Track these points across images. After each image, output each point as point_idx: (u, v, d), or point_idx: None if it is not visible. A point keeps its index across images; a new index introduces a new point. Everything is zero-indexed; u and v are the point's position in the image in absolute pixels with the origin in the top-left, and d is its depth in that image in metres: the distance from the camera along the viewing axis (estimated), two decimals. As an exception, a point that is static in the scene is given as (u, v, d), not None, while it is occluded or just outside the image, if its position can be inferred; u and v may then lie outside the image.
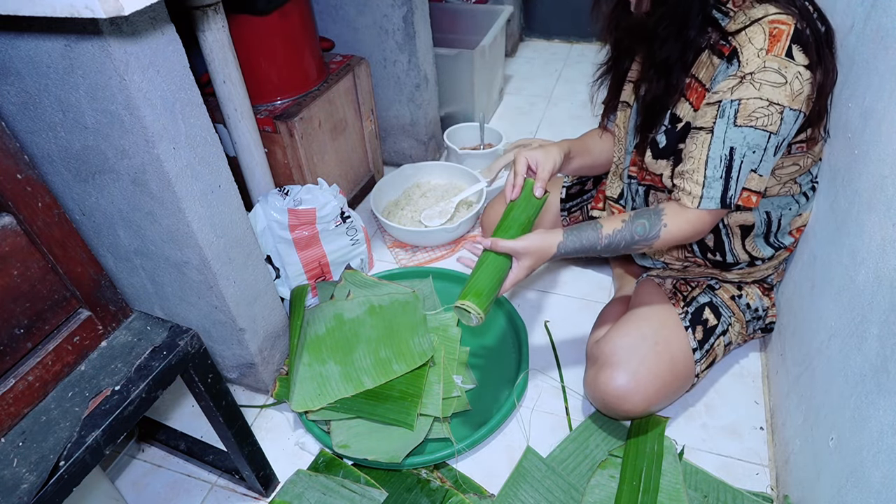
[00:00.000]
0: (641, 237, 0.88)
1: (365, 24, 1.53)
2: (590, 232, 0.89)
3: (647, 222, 0.88)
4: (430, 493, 0.98)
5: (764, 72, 0.79)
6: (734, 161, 0.82)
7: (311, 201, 1.23)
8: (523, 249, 0.88)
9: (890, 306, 0.68)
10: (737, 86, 0.81)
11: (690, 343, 1.00)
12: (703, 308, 1.04)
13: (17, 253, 0.62)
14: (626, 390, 0.96)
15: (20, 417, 0.66)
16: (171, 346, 0.74)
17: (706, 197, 0.85)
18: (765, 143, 0.82)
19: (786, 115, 0.80)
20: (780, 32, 0.79)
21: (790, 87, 0.79)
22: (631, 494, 0.93)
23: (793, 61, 0.79)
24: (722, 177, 0.83)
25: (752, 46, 0.80)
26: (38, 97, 0.77)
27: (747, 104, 0.80)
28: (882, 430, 0.66)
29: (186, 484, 1.04)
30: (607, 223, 0.90)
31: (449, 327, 1.20)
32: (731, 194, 0.84)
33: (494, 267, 0.88)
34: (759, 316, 1.09)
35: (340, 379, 1.09)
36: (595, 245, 0.89)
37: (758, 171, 0.84)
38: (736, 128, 0.81)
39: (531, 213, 0.95)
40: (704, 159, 0.84)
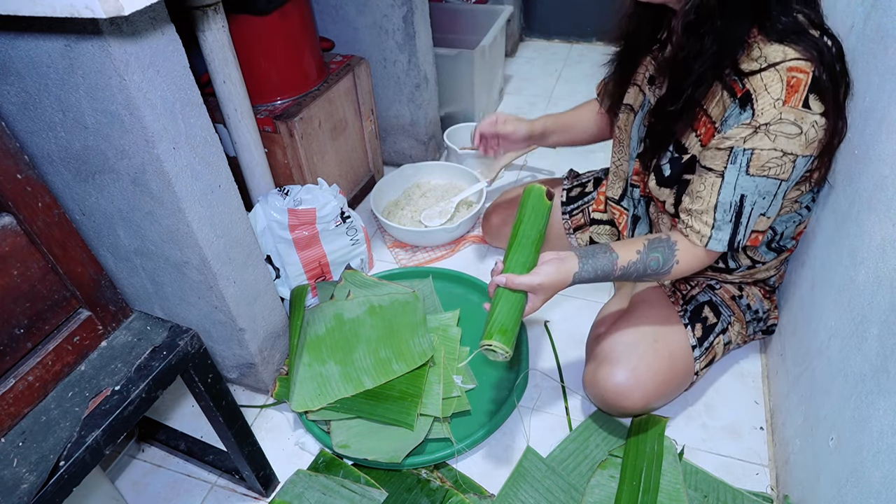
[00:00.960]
0: (654, 270, 0.88)
1: (365, 24, 1.53)
2: (605, 262, 0.87)
3: (660, 257, 0.87)
4: (430, 493, 0.98)
5: (780, 123, 0.76)
6: (744, 208, 0.82)
7: (311, 201, 1.23)
8: (539, 286, 0.85)
9: (890, 306, 0.68)
10: (751, 136, 0.78)
11: (690, 340, 1.01)
12: (703, 306, 1.04)
13: (17, 253, 0.62)
14: (626, 387, 0.96)
15: (20, 417, 0.66)
16: (171, 346, 0.74)
17: (714, 238, 0.85)
18: (775, 190, 0.81)
19: (798, 162, 0.79)
20: (799, 83, 0.75)
21: (805, 136, 0.77)
22: (631, 494, 0.93)
23: (809, 111, 0.76)
24: (731, 221, 0.83)
25: (769, 96, 0.76)
26: (38, 97, 0.77)
27: (761, 154, 0.78)
28: (882, 430, 0.66)
29: (186, 484, 1.04)
30: (623, 252, 0.88)
31: (449, 327, 1.20)
32: (740, 238, 0.85)
33: (513, 302, 0.86)
34: (760, 318, 1.08)
35: (340, 379, 1.09)
36: (609, 275, 0.88)
37: (766, 214, 0.84)
38: (748, 177, 0.80)
39: (541, 223, 0.91)
40: (714, 203, 0.83)
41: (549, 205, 0.92)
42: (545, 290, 0.86)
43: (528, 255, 0.88)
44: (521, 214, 0.92)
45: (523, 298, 0.87)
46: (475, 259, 1.47)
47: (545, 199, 0.92)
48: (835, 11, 1.00)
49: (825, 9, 0.96)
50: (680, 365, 0.99)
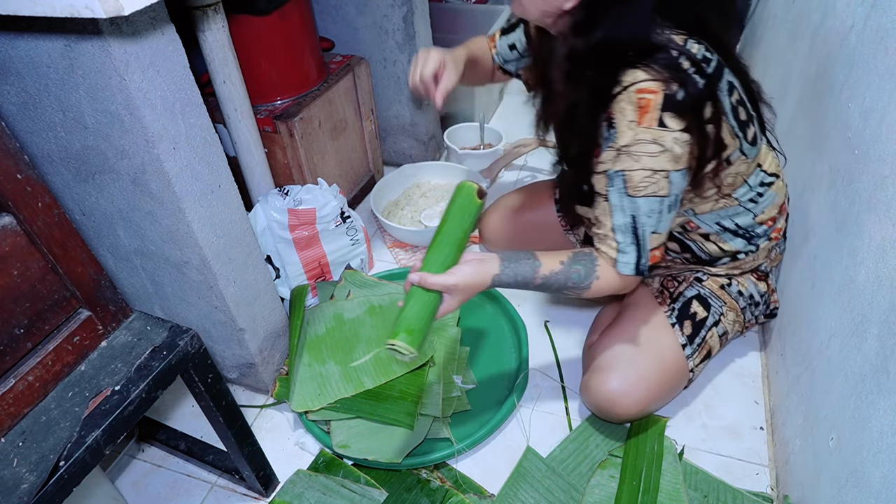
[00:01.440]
0: (575, 284, 0.87)
1: (365, 24, 1.53)
2: (526, 268, 0.86)
3: (582, 270, 0.86)
4: (430, 493, 0.98)
5: (638, 144, 0.78)
6: (638, 228, 0.83)
7: (311, 201, 1.23)
8: (454, 286, 0.82)
9: (890, 306, 0.68)
10: (615, 158, 0.80)
11: (679, 340, 1.00)
12: (691, 301, 1.03)
13: (17, 253, 0.62)
14: (618, 394, 0.96)
15: (20, 417, 0.66)
16: (171, 346, 0.74)
17: (621, 262, 0.85)
18: (659, 207, 0.81)
19: (673, 177, 0.79)
20: (648, 103, 0.76)
21: (671, 153, 0.77)
22: (631, 494, 0.93)
23: (667, 129, 0.77)
24: (633, 243, 0.84)
25: (624, 118, 0.78)
26: (38, 97, 0.77)
27: (632, 175, 0.79)
28: (882, 430, 0.66)
29: (186, 484, 1.04)
30: (546, 261, 0.87)
31: (449, 327, 1.20)
32: (643, 262, 0.84)
33: (425, 302, 0.82)
34: (757, 302, 1.07)
35: (340, 379, 1.09)
36: (530, 282, 0.87)
37: (657, 231, 0.84)
38: (629, 198, 0.81)
39: (467, 222, 0.86)
40: (611, 227, 0.84)
41: (478, 204, 0.86)
42: (461, 291, 0.83)
43: (448, 253, 0.84)
44: (447, 212, 0.86)
45: (437, 298, 0.83)
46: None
47: (475, 197, 0.86)
48: (835, 11, 1.01)
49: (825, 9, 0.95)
50: (671, 367, 0.99)
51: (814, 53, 1.10)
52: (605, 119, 0.81)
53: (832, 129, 0.94)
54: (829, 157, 0.94)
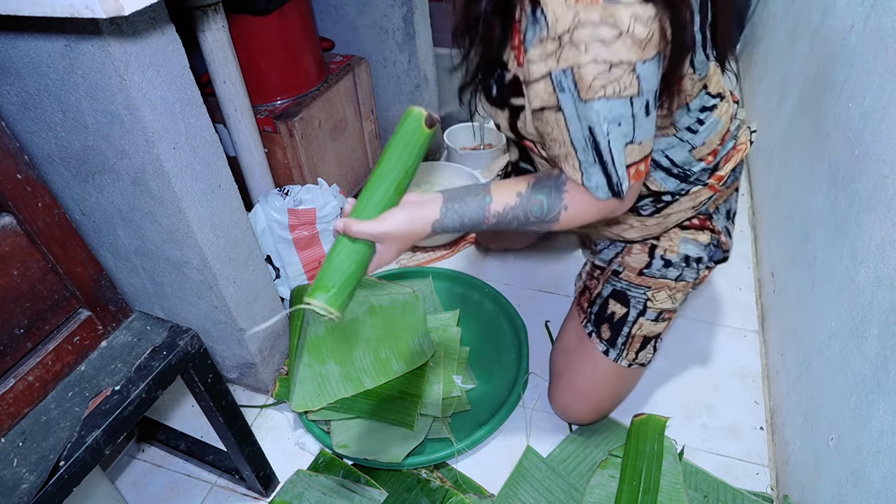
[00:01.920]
0: (538, 218, 0.72)
1: (365, 24, 1.53)
2: (474, 206, 0.71)
3: (545, 201, 0.71)
4: (430, 493, 0.98)
5: (582, 28, 0.59)
6: (599, 142, 0.66)
7: (311, 201, 1.23)
8: (385, 235, 0.68)
9: (890, 306, 0.68)
10: (556, 51, 0.62)
11: (599, 347, 0.99)
12: (608, 302, 0.99)
13: (17, 253, 0.62)
14: (569, 410, 1.03)
15: (20, 417, 0.66)
16: (171, 346, 0.74)
17: (590, 185, 0.70)
18: (630, 111, 0.64)
19: (641, 70, 0.61)
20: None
21: (630, 37, 0.59)
22: (631, 494, 0.93)
23: (619, 3, 0.58)
24: (596, 161, 0.68)
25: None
26: (38, 97, 0.77)
27: (582, 73, 0.62)
28: (882, 430, 0.66)
29: (186, 484, 1.04)
30: (498, 195, 0.72)
31: (449, 327, 1.20)
32: (617, 180, 0.68)
33: (350, 253, 0.69)
34: (698, 257, 0.96)
35: (340, 379, 1.09)
36: (480, 225, 0.73)
37: (635, 141, 0.67)
38: (584, 104, 0.64)
39: (411, 157, 0.71)
40: (570, 142, 0.68)
41: (427, 134, 0.71)
42: (394, 240, 0.70)
43: (386, 195, 0.70)
44: (390, 142, 0.72)
45: (365, 249, 0.70)
46: (475, 259, 1.47)
47: (423, 126, 0.71)
48: (835, 11, 1.01)
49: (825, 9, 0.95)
50: (605, 373, 0.99)
51: (814, 53, 1.10)
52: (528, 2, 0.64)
53: (832, 129, 0.94)
54: (829, 157, 0.94)
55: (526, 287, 1.38)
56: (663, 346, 1.20)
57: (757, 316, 1.26)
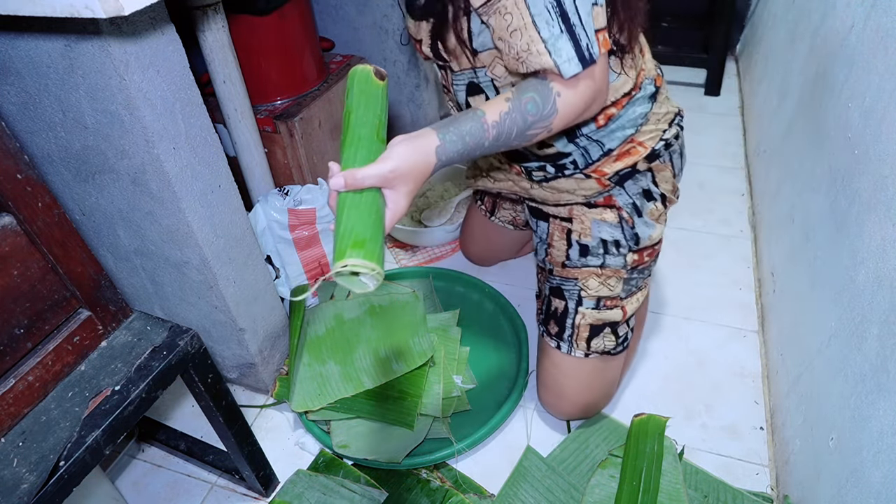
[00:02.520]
0: (536, 116, 0.68)
1: (365, 24, 1.53)
2: (471, 123, 0.66)
3: (536, 95, 0.67)
4: (430, 493, 0.98)
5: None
6: (565, 4, 0.64)
7: (311, 201, 1.23)
8: (393, 173, 0.61)
9: (890, 306, 0.68)
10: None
11: (550, 344, 1.03)
12: (550, 300, 1.03)
13: (17, 253, 0.62)
14: (553, 409, 1.06)
15: (20, 417, 0.66)
16: (171, 346, 0.74)
17: (561, 64, 0.66)
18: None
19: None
20: None
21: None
22: (631, 494, 0.93)
23: None
24: (563, 30, 0.64)
25: None
26: (38, 97, 0.77)
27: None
28: (882, 430, 0.66)
29: (186, 484, 1.04)
30: (489, 107, 0.67)
31: (449, 327, 1.20)
32: (586, 43, 0.65)
33: (363, 206, 0.61)
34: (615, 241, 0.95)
35: (340, 379, 1.09)
36: (483, 140, 0.66)
37: (598, 2, 0.66)
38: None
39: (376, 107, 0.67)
40: (531, 21, 0.65)
41: (381, 86, 0.68)
42: (403, 178, 0.62)
43: (370, 146, 0.64)
44: (347, 104, 0.67)
45: (377, 199, 0.62)
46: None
47: (375, 79, 0.67)
48: (835, 11, 1.00)
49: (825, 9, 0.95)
50: (568, 368, 1.02)
51: (814, 53, 1.10)
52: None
53: (832, 129, 0.94)
54: (829, 157, 0.94)
55: (526, 287, 1.38)
56: (664, 346, 1.21)
57: (757, 316, 1.26)
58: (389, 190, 0.63)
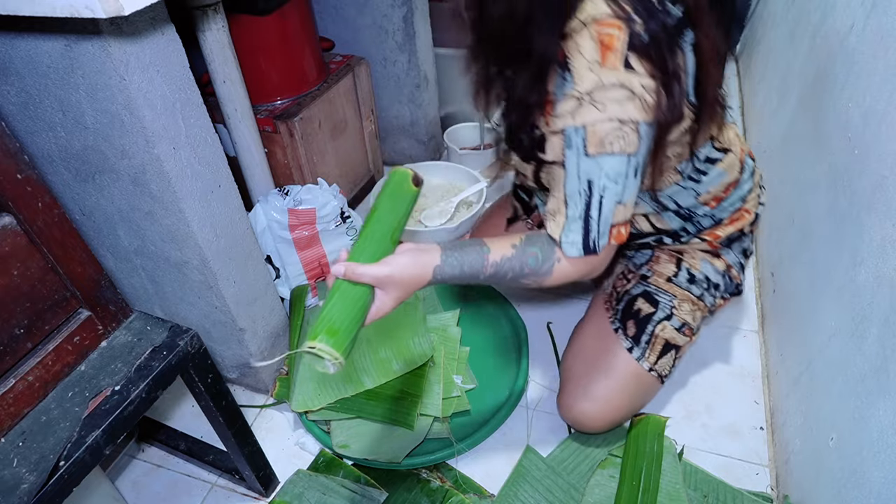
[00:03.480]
0: (532, 269, 0.76)
1: (365, 24, 1.53)
2: (473, 256, 0.74)
3: (539, 253, 0.75)
4: (430, 493, 0.98)
5: (604, 89, 0.66)
6: (593, 196, 0.71)
7: (311, 201, 1.23)
8: (388, 279, 0.69)
9: (890, 306, 0.68)
10: (576, 109, 0.69)
11: (623, 344, 0.98)
12: (635, 299, 1.00)
13: (17, 253, 0.62)
14: (584, 417, 0.97)
15: (20, 417, 0.66)
16: (171, 346, 0.74)
17: (566, 242, 0.74)
18: (626, 169, 0.70)
19: (643, 130, 0.69)
20: (612, 39, 0.65)
21: (641, 100, 0.67)
22: (631, 494, 0.93)
23: (634, 72, 0.66)
24: (581, 216, 0.72)
25: (583, 58, 0.67)
26: (38, 97, 0.77)
27: (595, 129, 0.68)
28: (882, 430, 0.66)
29: (186, 484, 1.04)
30: (495, 246, 0.75)
31: (449, 327, 1.20)
32: (595, 237, 0.73)
33: (352, 297, 0.68)
34: (716, 283, 1.00)
35: (340, 379, 1.09)
36: (479, 274, 0.75)
37: (623, 202, 0.73)
38: (589, 158, 0.70)
39: (401, 211, 0.74)
40: (563, 198, 0.73)
41: (414, 191, 0.75)
42: (396, 285, 0.70)
43: (380, 245, 0.71)
44: (378, 199, 0.75)
45: (366, 294, 0.69)
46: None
47: (410, 184, 0.74)
48: (835, 11, 1.01)
49: (825, 9, 0.95)
50: (627, 377, 0.97)
51: (814, 53, 1.10)
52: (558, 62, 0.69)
53: (832, 129, 0.94)
54: (829, 157, 0.94)
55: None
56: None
57: (757, 316, 1.26)
58: (380, 290, 0.70)
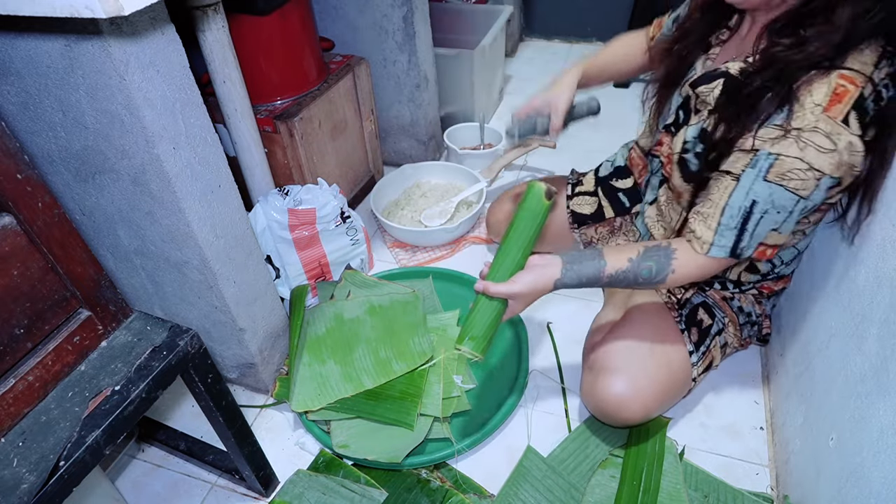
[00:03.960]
0: (646, 279, 0.85)
1: (365, 24, 1.53)
2: (591, 268, 0.85)
3: (654, 266, 0.84)
4: (430, 493, 0.98)
5: (814, 133, 0.70)
6: (753, 215, 0.77)
7: (311, 201, 1.23)
8: (517, 294, 0.85)
9: (890, 306, 0.68)
10: (779, 138, 0.73)
11: (687, 346, 0.99)
12: (697, 309, 1.02)
13: (17, 253, 0.62)
14: (625, 397, 0.94)
15: (20, 417, 0.66)
16: (171, 346, 0.74)
17: (717, 245, 0.81)
18: (792, 206, 0.75)
19: (823, 182, 0.73)
20: (845, 93, 0.70)
21: (838, 155, 0.70)
22: (631, 494, 0.93)
23: (848, 128, 0.70)
24: (737, 227, 0.79)
25: (811, 98, 0.71)
26: (38, 97, 0.77)
27: (784, 161, 0.72)
28: (882, 430, 0.66)
29: (186, 484, 1.04)
30: (612, 258, 0.85)
31: (449, 327, 1.20)
32: (744, 245, 0.80)
33: (489, 309, 0.88)
34: (753, 322, 1.06)
35: (340, 379, 1.09)
36: (594, 283, 0.86)
37: (779, 230, 0.79)
38: (765, 182, 0.75)
39: (534, 225, 0.87)
40: (723, 206, 0.79)
41: (546, 205, 0.87)
42: (523, 297, 0.86)
43: (514, 259, 0.87)
44: (517, 215, 0.88)
45: (501, 305, 0.88)
46: (475, 259, 1.47)
47: (544, 199, 0.86)
48: (835, 11, 1.00)
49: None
50: (678, 373, 0.98)
51: (814, 53, 1.10)
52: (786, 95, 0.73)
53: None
54: (829, 157, 0.94)
55: (526, 287, 1.38)
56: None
57: (757, 316, 1.26)
58: (511, 300, 0.87)
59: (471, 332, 0.88)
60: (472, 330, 0.88)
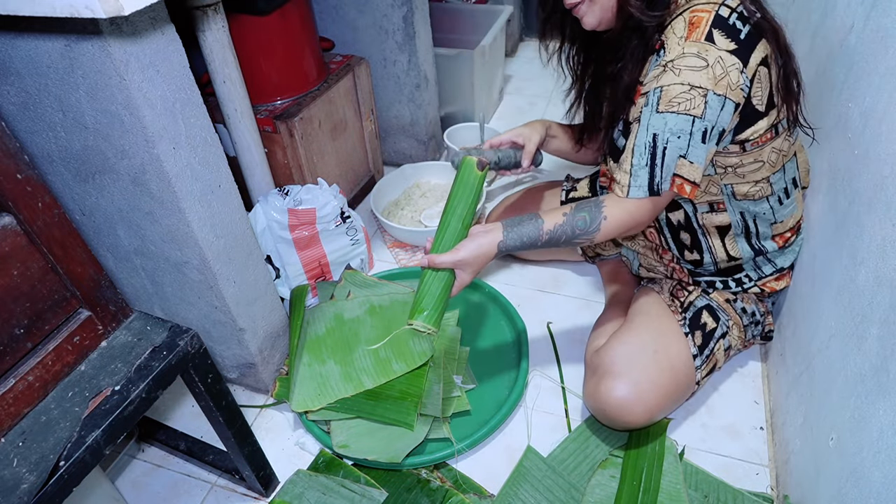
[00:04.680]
0: (582, 230, 0.87)
1: (365, 24, 1.53)
2: (530, 227, 0.88)
3: (587, 216, 0.87)
4: (430, 493, 0.98)
5: (683, 57, 0.79)
6: (657, 147, 0.82)
7: (311, 201, 1.23)
8: (462, 262, 0.87)
9: (890, 306, 0.68)
10: (660, 74, 0.81)
11: (691, 350, 0.99)
12: (701, 312, 1.03)
13: (17, 253, 0.62)
14: (628, 401, 0.93)
15: (20, 417, 0.66)
16: (171, 346, 0.74)
17: (633, 185, 0.84)
18: (689, 128, 0.80)
19: (710, 99, 0.79)
20: (700, 19, 0.80)
21: (712, 70, 0.78)
22: (631, 494, 0.93)
23: (713, 45, 0.78)
24: (647, 164, 0.83)
25: (674, 35, 0.81)
26: (38, 97, 0.77)
27: (669, 90, 0.80)
28: (882, 430, 0.66)
29: (186, 484, 1.04)
30: (548, 217, 0.88)
31: (449, 327, 1.20)
32: (658, 181, 0.83)
33: (437, 281, 0.89)
34: (757, 321, 1.07)
35: (340, 379, 1.09)
36: (536, 241, 0.88)
37: (687, 157, 0.82)
38: (658, 114, 0.81)
39: (470, 196, 0.91)
40: (632, 148, 0.84)
41: (479, 175, 0.91)
42: (469, 264, 0.88)
43: (455, 230, 0.90)
44: (453, 189, 0.92)
45: (449, 276, 0.89)
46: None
47: (476, 169, 0.91)
48: (835, 11, 1.00)
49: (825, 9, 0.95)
50: (682, 376, 0.98)
51: (814, 53, 1.10)
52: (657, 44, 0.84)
53: (832, 129, 0.94)
54: (829, 157, 0.94)
55: (526, 287, 1.38)
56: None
57: (757, 316, 1.26)
58: (458, 270, 0.89)
59: (421, 307, 0.88)
60: (423, 304, 0.88)
